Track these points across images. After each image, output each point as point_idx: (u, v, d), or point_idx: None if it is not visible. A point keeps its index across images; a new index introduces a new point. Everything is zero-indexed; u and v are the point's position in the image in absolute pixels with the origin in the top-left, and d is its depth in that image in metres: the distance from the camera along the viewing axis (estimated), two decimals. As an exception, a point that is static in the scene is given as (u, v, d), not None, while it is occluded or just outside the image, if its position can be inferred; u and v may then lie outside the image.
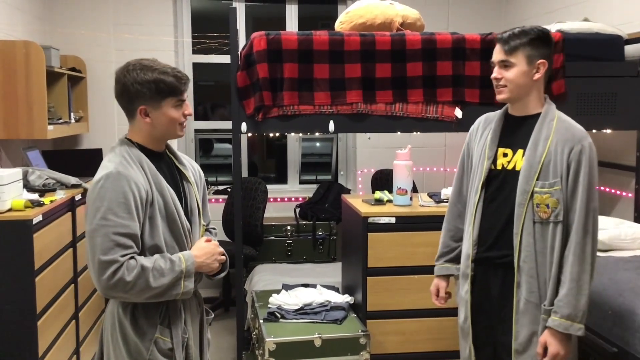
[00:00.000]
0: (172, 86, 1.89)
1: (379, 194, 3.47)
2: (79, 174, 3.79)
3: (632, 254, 3.15)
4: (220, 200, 5.29)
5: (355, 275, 3.38)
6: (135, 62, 1.90)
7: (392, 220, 3.22)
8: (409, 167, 3.31)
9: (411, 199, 3.36)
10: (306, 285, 3.63)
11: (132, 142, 1.95)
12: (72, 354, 3.40)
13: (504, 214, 2.25)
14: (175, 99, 1.92)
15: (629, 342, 2.38)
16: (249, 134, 3.26)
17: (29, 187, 3.33)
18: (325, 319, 3.22)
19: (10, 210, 2.88)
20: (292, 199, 5.45)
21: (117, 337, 1.91)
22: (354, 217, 3.37)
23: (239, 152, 3.30)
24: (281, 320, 3.24)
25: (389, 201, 3.42)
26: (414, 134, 3.50)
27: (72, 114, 4.50)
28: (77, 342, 3.51)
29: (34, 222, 2.86)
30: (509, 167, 2.26)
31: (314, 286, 3.59)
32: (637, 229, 3.27)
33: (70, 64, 4.66)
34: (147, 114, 1.90)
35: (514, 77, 2.20)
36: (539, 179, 2.17)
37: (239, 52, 3.25)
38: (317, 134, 4.91)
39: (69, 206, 3.42)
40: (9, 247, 2.81)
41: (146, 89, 1.86)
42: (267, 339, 3.01)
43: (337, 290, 3.58)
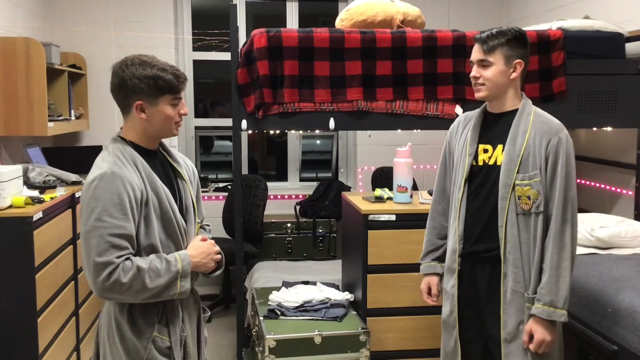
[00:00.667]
0: (170, 83, 1.87)
1: (379, 192, 3.47)
2: (79, 171, 3.78)
3: (633, 251, 3.15)
4: (220, 197, 5.29)
5: (355, 272, 3.39)
6: (133, 57, 1.88)
7: (393, 217, 3.22)
8: (409, 165, 3.31)
9: (411, 197, 3.36)
10: (306, 282, 3.63)
11: (125, 140, 1.92)
12: (72, 351, 3.41)
13: (488, 208, 2.32)
14: (172, 96, 1.90)
15: (628, 340, 2.38)
16: (250, 132, 3.26)
17: (29, 184, 3.33)
18: (325, 316, 3.22)
19: (10, 207, 2.88)
20: (293, 197, 5.45)
21: (114, 337, 1.89)
22: (354, 214, 3.37)
23: (239, 149, 3.30)
24: (281, 317, 3.24)
25: (389, 199, 3.42)
26: (415, 131, 3.50)
27: (72, 111, 4.50)
28: (77, 339, 3.51)
29: (34, 219, 2.86)
30: (490, 162, 2.33)
31: (314, 283, 3.59)
32: (638, 226, 3.27)
33: (70, 61, 4.66)
34: (143, 109, 1.88)
35: (492, 76, 2.28)
36: (519, 171, 2.24)
37: (239, 50, 3.24)
38: (317, 132, 4.92)
39: (69, 203, 3.42)
40: (9, 244, 2.82)
41: (144, 85, 1.84)
42: (267, 336, 3.01)
43: (337, 287, 3.58)
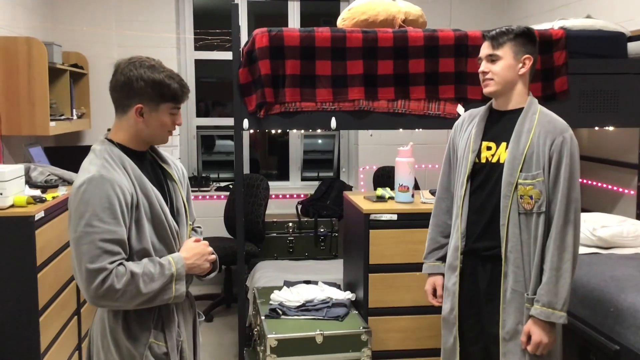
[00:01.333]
0: (175, 92, 1.85)
1: (380, 191, 3.47)
2: (81, 170, 3.78)
3: (635, 251, 3.15)
4: (222, 197, 5.29)
5: (356, 272, 3.39)
6: (142, 59, 1.85)
7: (394, 217, 3.22)
8: (410, 164, 3.31)
9: (413, 196, 3.36)
10: (308, 282, 3.63)
11: (112, 142, 1.87)
12: (74, 350, 3.41)
13: (490, 206, 2.31)
14: (172, 105, 1.87)
15: (630, 339, 2.38)
16: (251, 131, 3.26)
17: (31, 183, 3.34)
18: (326, 316, 3.22)
19: (12, 206, 2.88)
20: (294, 196, 5.45)
21: (108, 344, 1.83)
22: (355, 214, 3.37)
23: (240, 148, 3.30)
24: (283, 316, 3.24)
25: (391, 198, 3.42)
26: (416, 131, 3.50)
27: (74, 111, 4.50)
28: (79, 338, 3.52)
29: (36, 218, 2.86)
30: (493, 160, 2.32)
31: (316, 283, 3.59)
32: (639, 226, 3.27)
33: (72, 61, 4.66)
34: (142, 113, 1.84)
35: (500, 70, 2.27)
36: (522, 170, 2.23)
37: (241, 49, 3.24)
38: (319, 131, 4.91)
39: (71, 202, 3.42)
40: (11, 243, 2.82)
41: (149, 89, 1.81)
42: (268, 336, 3.01)
43: (338, 287, 3.58)
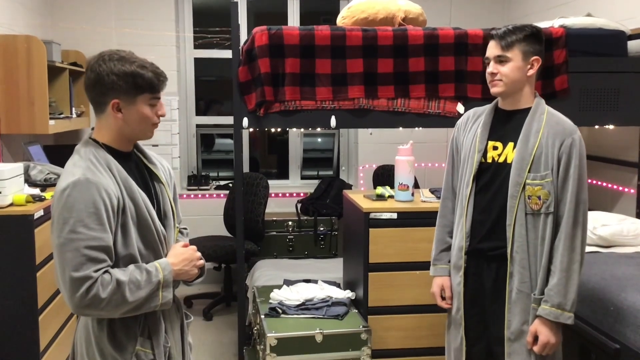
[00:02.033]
0: (149, 82, 1.76)
1: (380, 190, 3.47)
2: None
3: (635, 250, 3.15)
4: (221, 195, 5.29)
5: (356, 270, 3.38)
6: (111, 52, 1.76)
7: (394, 215, 3.21)
8: (410, 163, 3.30)
9: (413, 195, 3.36)
10: (307, 280, 3.63)
11: (97, 143, 1.79)
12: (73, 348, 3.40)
13: (496, 206, 2.29)
14: (150, 96, 1.78)
15: (631, 338, 2.38)
16: (251, 129, 3.25)
17: (30, 181, 3.34)
18: (326, 315, 3.22)
19: (11, 205, 2.88)
20: (294, 195, 5.45)
21: (93, 354, 1.76)
22: (355, 212, 3.37)
23: (240, 147, 3.29)
24: (282, 315, 3.24)
25: (391, 197, 3.42)
26: (416, 129, 3.50)
27: (73, 109, 4.50)
28: (79, 336, 3.51)
29: (35, 216, 2.86)
30: (500, 160, 2.31)
31: (315, 282, 3.59)
32: (639, 225, 3.27)
33: (71, 59, 4.66)
34: (120, 109, 1.75)
35: (509, 71, 2.25)
36: (530, 171, 2.22)
37: (240, 47, 3.24)
38: (318, 129, 4.91)
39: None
40: (10, 242, 2.82)
41: (122, 82, 1.72)
42: (268, 334, 3.01)
43: (338, 285, 3.58)
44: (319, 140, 6.10)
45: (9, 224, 2.81)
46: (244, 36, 4.24)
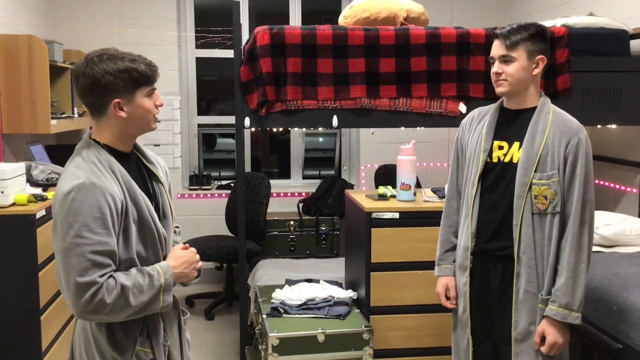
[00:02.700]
0: (144, 74, 1.74)
1: (382, 189, 3.46)
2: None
3: (637, 249, 3.14)
4: (223, 195, 5.29)
5: (358, 270, 3.38)
6: (98, 54, 1.72)
7: (396, 215, 3.21)
8: (412, 163, 3.30)
9: (415, 194, 3.35)
10: (309, 280, 3.63)
11: (99, 144, 1.76)
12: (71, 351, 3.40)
13: (502, 206, 2.28)
14: (147, 88, 1.76)
15: (634, 338, 2.38)
16: (252, 129, 3.25)
17: (32, 181, 3.33)
18: (328, 314, 3.22)
19: (13, 204, 2.88)
20: (295, 194, 5.45)
21: (93, 355, 1.76)
22: (357, 212, 3.36)
23: (242, 147, 3.29)
24: (284, 315, 3.24)
25: (393, 196, 3.41)
26: (418, 129, 3.49)
27: (75, 109, 4.49)
28: (81, 336, 3.51)
29: (37, 216, 2.86)
30: (506, 159, 2.30)
31: (317, 281, 3.59)
32: (642, 224, 3.26)
33: (73, 59, 4.65)
34: (122, 107, 1.73)
35: (514, 71, 2.24)
36: (537, 170, 2.21)
37: (242, 47, 3.24)
38: (320, 129, 4.91)
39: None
40: (12, 241, 2.82)
41: (119, 80, 1.69)
42: (270, 334, 3.01)
43: (340, 285, 3.58)
44: (321, 139, 6.09)
45: (10, 224, 2.81)
46: (245, 36, 4.24)
